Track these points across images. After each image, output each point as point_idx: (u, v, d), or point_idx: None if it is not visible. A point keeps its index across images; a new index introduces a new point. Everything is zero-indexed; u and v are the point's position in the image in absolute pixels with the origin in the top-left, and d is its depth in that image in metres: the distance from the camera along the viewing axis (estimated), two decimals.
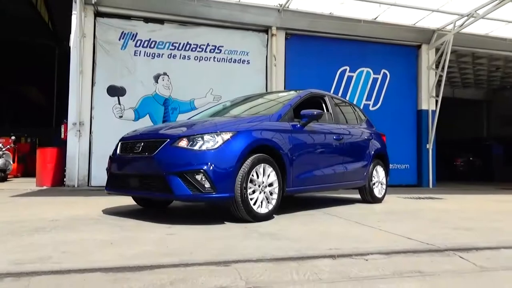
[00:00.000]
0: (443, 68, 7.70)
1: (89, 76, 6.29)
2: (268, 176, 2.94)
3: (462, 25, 7.26)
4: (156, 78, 6.58)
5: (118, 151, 3.12)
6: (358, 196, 4.61)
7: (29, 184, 6.48)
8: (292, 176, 3.18)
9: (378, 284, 1.54)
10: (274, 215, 3.05)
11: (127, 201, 3.88)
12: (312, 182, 3.51)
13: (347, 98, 7.48)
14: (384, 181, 4.61)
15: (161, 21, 6.62)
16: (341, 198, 5.03)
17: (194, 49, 6.78)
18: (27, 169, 9.22)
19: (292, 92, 4.01)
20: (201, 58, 6.79)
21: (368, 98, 7.80)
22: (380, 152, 4.59)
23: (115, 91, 6.38)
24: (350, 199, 4.85)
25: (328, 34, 7.39)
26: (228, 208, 2.81)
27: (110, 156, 3.25)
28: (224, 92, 6.79)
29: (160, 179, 2.65)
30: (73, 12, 6.18)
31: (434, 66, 8.03)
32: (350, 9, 7.05)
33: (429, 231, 2.62)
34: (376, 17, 7.31)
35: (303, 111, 3.41)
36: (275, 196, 2.99)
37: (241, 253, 1.86)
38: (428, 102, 7.98)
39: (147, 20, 6.53)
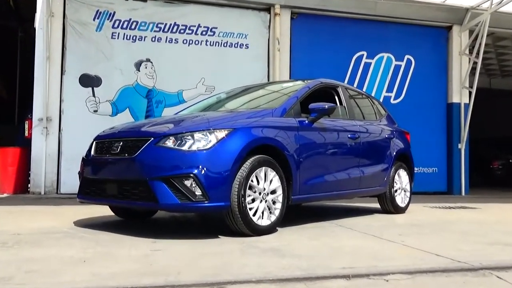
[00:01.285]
0: (478, 53, 7.65)
1: (58, 63, 6.26)
2: (271, 181, 2.94)
3: (500, 2, 7.22)
4: (138, 65, 6.55)
5: (92, 152, 3.12)
6: (377, 205, 4.60)
7: None
8: (299, 181, 3.19)
9: None
10: (277, 228, 3.05)
11: (104, 211, 3.88)
12: (323, 189, 3.52)
13: (364, 90, 7.43)
14: (407, 187, 4.62)
15: None
16: (357, 208, 5.02)
17: (182, 31, 6.76)
18: None
19: (299, 82, 4.02)
20: (190, 42, 6.78)
21: (389, 90, 7.80)
22: (403, 153, 4.60)
23: (89, 81, 6.36)
24: (367, 209, 4.84)
25: (342, 14, 7.35)
26: (223, 219, 2.82)
27: (83, 158, 3.25)
28: (218, 82, 6.78)
29: (143, 185, 2.65)
30: None
31: (467, 52, 8.02)
32: None
33: (461, 246, 2.62)
34: None
35: (312, 105, 3.41)
36: (278, 205, 2.98)
37: (238, 273, 1.86)
38: (460, 94, 7.97)
39: None
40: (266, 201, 2.90)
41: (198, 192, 2.57)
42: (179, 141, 2.67)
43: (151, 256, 2.17)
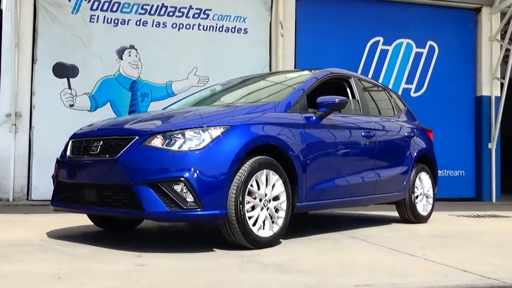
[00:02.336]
0: (510, 39, 7.65)
1: (29, 50, 6.23)
2: (273, 186, 2.95)
3: None
4: (120, 53, 6.55)
5: (68, 153, 3.12)
6: (395, 213, 4.61)
7: None
8: (306, 186, 3.20)
9: None
10: (280, 240, 3.05)
11: (81, 220, 3.88)
12: (333, 194, 3.53)
13: (380, 81, 7.43)
14: (430, 193, 4.62)
15: None
16: (372, 217, 5.04)
17: (171, 14, 6.73)
18: None
19: (306, 72, 4.03)
20: (181, 26, 6.76)
21: (409, 81, 7.77)
22: (425, 153, 4.60)
23: (64, 71, 6.35)
24: (384, 218, 4.86)
25: None
26: (219, 230, 2.82)
27: (57, 160, 3.25)
28: (213, 72, 6.76)
29: (126, 190, 2.67)
30: None
31: (498, 37, 7.97)
32: None
33: (492, 261, 2.62)
34: None
35: (321, 98, 3.41)
36: (282, 213, 2.99)
37: None
38: (491, 85, 7.92)
39: None
40: (267, 209, 2.90)
41: (189, 198, 2.58)
42: (167, 140, 2.68)
43: (135, 272, 2.17)
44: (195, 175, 2.58)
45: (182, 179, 2.57)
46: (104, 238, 3.25)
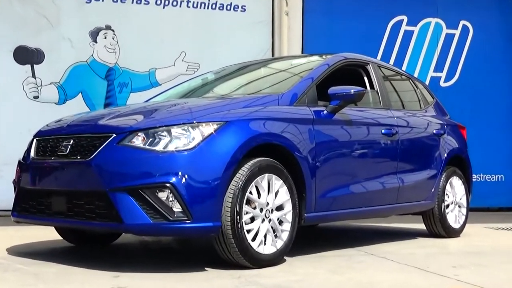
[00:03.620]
0: None
1: None
2: (276, 194, 2.94)
3: None
4: (94, 35, 6.49)
5: (32, 154, 3.11)
6: (421, 226, 4.61)
7: None
8: (315, 194, 3.19)
9: None
10: (285, 257, 3.03)
11: (48, 234, 3.86)
12: (348, 203, 3.53)
13: (404, 68, 7.38)
14: (463, 201, 4.60)
15: None
16: (394, 230, 5.05)
17: None
18: None
19: (315, 58, 4.04)
20: (166, 3, 6.72)
21: (438, 68, 7.72)
22: (457, 155, 4.60)
23: (27, 56, 6.31)
24: (408, 231, 4.87)
25: None
26: (212, 245, 2.80)
27: (19, 162, 3.24)
28: (205, 58, 6.72)
29: (101, 198, 2.66)
30: None
31: None
32: None
33: None
34: None
35: (333, 89, 3.39)
36: (287, 226, 2.97)
37: None
38: None
39: None
40: (270, 221, 2.88)
41: (177, 208, 2.58)
42: (151, 139, 2.67)
43: None
44: (184, 180, 2.57)
45: (168, 185, 2.57)
46: (74, 255, 3.23)
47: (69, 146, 2.85)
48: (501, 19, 8.04)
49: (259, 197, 2.84)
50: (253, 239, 2.79)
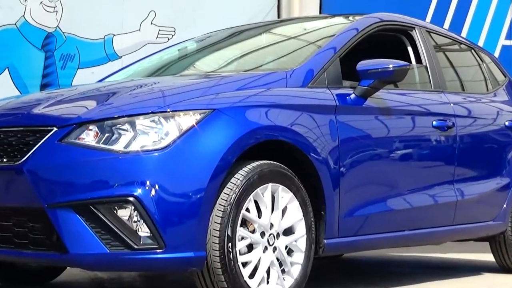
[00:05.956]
0: None
1: None
2: (284, 211, 2.83)
3: None
4: None
5: None
6: (488, 256, 4.50)
7: None
8: (339, 211, 3.10)
9: None
10: None
11: None
12: (384, 225, 3.43)
13: (464, 35, 7.36)
14: None
15: None
16: (449, 262, 4.94)
17: None
18: None
19: (339, 19, 4.07)
20: None
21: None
22: None
23: None
24: (469, 264, 4.77)
25: None
26: (192, 284, 2.75)
27: None
28: (182, 20, 6.82)
29: (37, 218, 2.59)
30: None
31: None
32: None
33: None
34: None
35: (364, 64, 3.32)
36: (299, 257, 2.88)
37: None
38: None
39: None
40: (275, 249, 2.78)
41: (143, 231, 2.51)
42: (107, 134, 2.61)
43: None
44: (153, 192, 2.51)
45: (131, 199, 2.49)
46: None
47: None
48: None
49: (259, 216, 2.75)
50: (251, 275, 2.69)
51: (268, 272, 2.76)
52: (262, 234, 2.76)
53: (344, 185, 3.09)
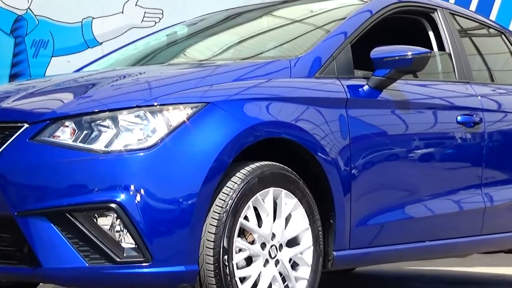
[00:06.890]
0: None
1: None
2: (288, 219, 2.87)
3: None
4: None
5: None
6: None
7: None
8: (351, 219, 3.13)
9: None
10: None
11: None
12: (402, 235, 3.44)
13: (493, 18, 7.49)
14: None
15: None
16: (476, 277, 4.95)
17: None
18: None
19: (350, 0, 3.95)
20: None
21: None
22: None
23: None
24: (499, 279, 4.80)
25: None
26: None
27: None
28: (171, 1, 7.01)
29: (5, 227, 2.64)
30: None
31: None
32: None
33: None
34: None
35: (379, 51, 3.34)
36: (304, 271, 2.92)
37: None
38: None
39: None
40: (277, 263, 2.80)
41: (127, 243, 2.55)
42: (85, 132, 2.64)
43: None
44: (138, 198, 2.54)
45: (113, 205, 2.53)
46: None
47: None
48: None
49: (259, 225, 2.76)
50: None
51: None
52: (263, 245, 2.77)
53: (356, 189, 3.07)
